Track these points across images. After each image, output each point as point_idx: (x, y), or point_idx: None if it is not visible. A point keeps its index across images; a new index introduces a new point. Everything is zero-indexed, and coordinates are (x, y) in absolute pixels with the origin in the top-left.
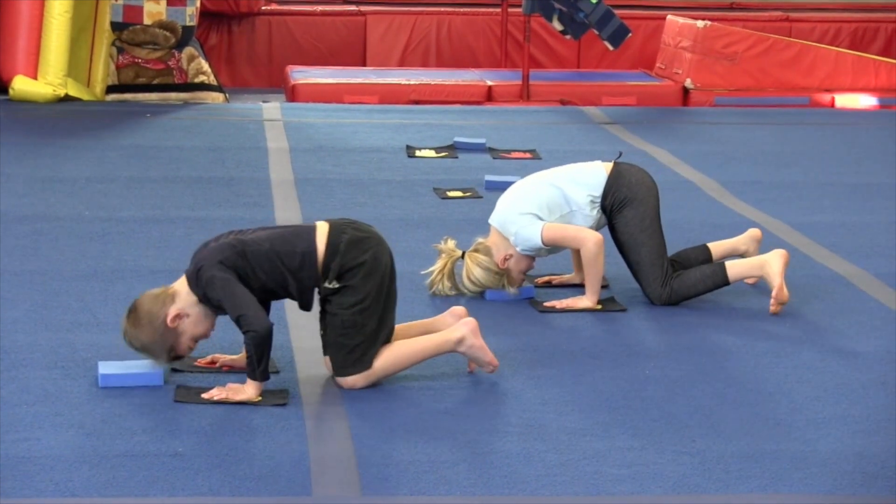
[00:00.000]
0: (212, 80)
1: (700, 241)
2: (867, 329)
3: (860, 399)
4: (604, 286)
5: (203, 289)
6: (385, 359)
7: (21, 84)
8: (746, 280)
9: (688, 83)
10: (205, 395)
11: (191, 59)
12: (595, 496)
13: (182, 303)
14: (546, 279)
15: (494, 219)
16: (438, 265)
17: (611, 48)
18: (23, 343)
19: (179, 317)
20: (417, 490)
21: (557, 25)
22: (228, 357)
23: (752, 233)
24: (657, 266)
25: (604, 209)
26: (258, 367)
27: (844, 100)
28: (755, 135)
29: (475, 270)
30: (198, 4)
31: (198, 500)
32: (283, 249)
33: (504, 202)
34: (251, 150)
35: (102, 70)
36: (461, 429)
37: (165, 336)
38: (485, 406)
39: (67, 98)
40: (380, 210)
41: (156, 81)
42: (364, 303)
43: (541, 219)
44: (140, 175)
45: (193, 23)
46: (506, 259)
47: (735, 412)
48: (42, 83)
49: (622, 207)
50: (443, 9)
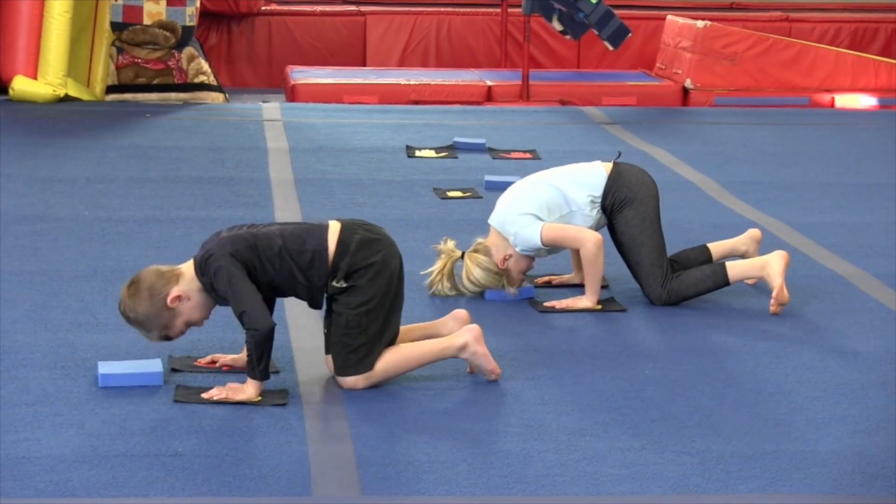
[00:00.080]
0: (212, 81)
1: (700, 241)
2: (867, 329)
3: (860, 399)
4: (604, 286)
5: (210, 278)
6: (387, 361)
7: (21, 84)
8: (746, 280)
9: (688, 83)
10: (205, 395)
11: (191, 60)
12: (595, 496)
13: (185, 286)
14: (546, 279)
15: (494, 219)
16: (438, 265)
17: (611, 48)
18: (23, 343)
19: (180, 298)
20: (417, 490)
21: (557, 25)
22: (229, 357)
23: (752, 233)
24: (657, 266)
25: (604, 209)
26: (258, 366)
27: (844, 100)
28: (755, 135)
29: (475, 271)
30: (198, 4)
31: (197, 501)
32: (294, 247)
33: (503, 202)
34: (251, 151)
35: (102, 70)
36: (461, 429)
37: (162, 314)
38: (485, 406)
39: (67, 98)
40: (380, 210)
41: (156, 81)
42: (370, 304)
43: (540, 219)
44: (140, 175)
45: (193, 23)
46: (505, 259)
47: (735, 412)
48: (42, 83)
49: (622, 208)
50: (443, 9)
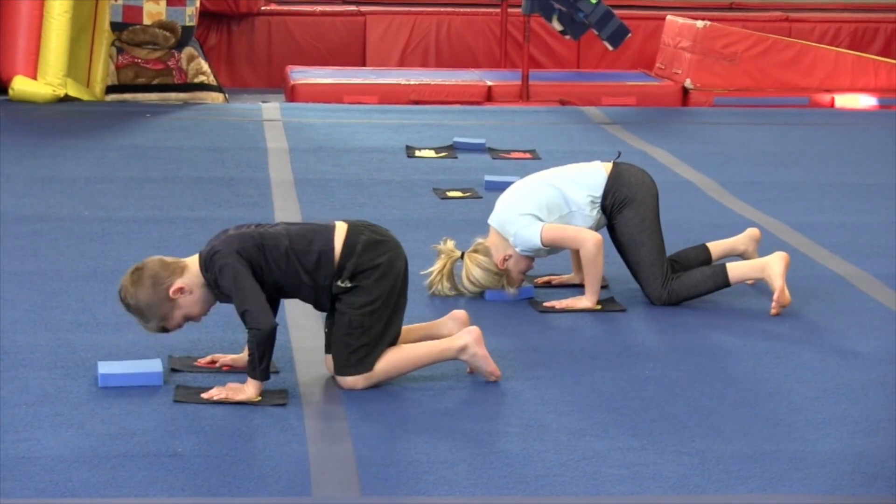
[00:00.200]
0: (211, 81)
1: (700, 241)
2: (867, 329)
3: (860, 399)
4: (603, 286)
5: (214, 274)
6: (387, 362)
7: (21, 84)
8: (746, 281)
9: (687, 83)
10: (205, 395)
11: (190, 60)
12: (595, 496)
13: (189, 279)
14: (545, 279)
15: (494, 219)
16: (438, 266)
17: (610, 48)
18: (23, 343)
19: (182, 291)
20: (417, 490)
21: (557, 26)
22: (229, 357)
23: (751, 232)
24: (657, 266)
25: (604, 210)
26: (259, 366)
27: (844, 100)
28: (755, 135)
29: (474, 271)
30: (197, 4)
31: (197, 501)
32: (300, 247)
33: (503, 202)
34: (251, 151)
35: (102, 70)
36: (461, 429)
37: (163, 304)
38: (485, 406)
39: (67, 98)
40: (379, 210)
41: (155, 81)
42: (374, 305)
43: (540, 219)
44: (140, 175)
45: (193, 23)
46: (505, 259)
47: (735, 412)
48: (42, 83)
49: (622, 208)
50: (442, 9)
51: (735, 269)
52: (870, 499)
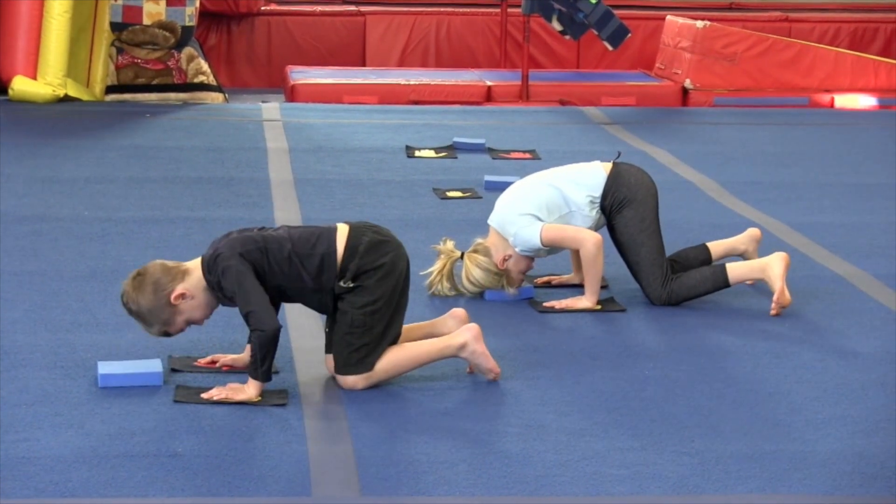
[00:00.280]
0: (211, 81)
1: (700, 241)
2: (867, 329)
3: (860, 399)
4: (603, 286)
5: (217, 276)
6: (387, 361)
7: (20, 84)
8: (746, 281)
9: (687, 83)
10: (204, 395)
11: (190, 60)
12: (594, 496)
13: (191, 284)
14: (545, 279)
15: (493, 219)
16: (437, 266)
17: (610, 48)
18: (22, 343)
19: (184, 296)
20: (417, 490)
21: (557, 26)
22: (229, 357)
23: (752, 232)
24: (657, 266)
25: (603, 210)
26: (261, 367)
27: (844, 100)
28: (755, 135)
29: (474, 271)
30: (197, 5)
31: (197, 501)
32: (303, 251)
33: (503, 203)
34: (250, 151)
35: (102, 70)
36: (461, 429)
37: (164, 310)
38: (484, 406)
39: (67, 98)
40: (379, 210)
41: (155, 82)
42: (376, 304)
43: (540, 219)
44: (140, 175)
45: (193, 23)
46: (505, 259)
47: (734, 413)
48: (41, 83)
49: (621, 208)
50: (442, 9)
51: (735, 270)
52: (870, 499)
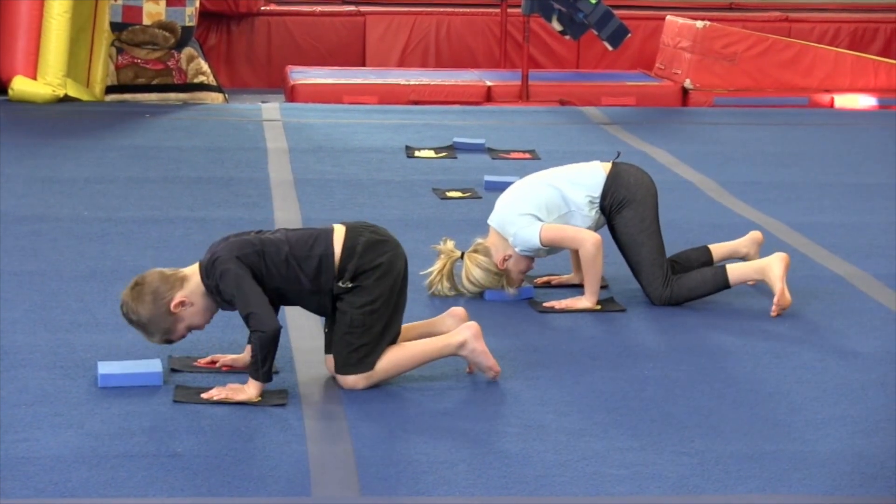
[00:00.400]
0: (211, 81)
1: (700, 242)
2: (867, 329)
3: (859, 399)
4: (603, 286)
5: (216, 280)
6: (387, 361)
7: (20, 84)
8: (746, 282)
9: (687, 83)
10: (204, 395)
11: (190, 60)
12: (594, 496)
13: (189, 290)
14: (545, 279)
15: (493, 219)
16: (437, 266)
17: (610, 48)
18: (22, 343)
19: (184, 304)
20: (417, 490)
21: (557, 26)
22: (229, 357)
23: (754, 235)
24: (657, 266)
25: (603, 210)
26: (262, 368)
27: (844, 100)
28: (754, 135)
29: (474, 271)
30: (197, 5)
31: (197, 501)
32: (301, 254)
33: (503, 203)
34: (250, 151)
35: (102, 70)
36: (461, 429)
37: (165, 318)
38: (484, 406)
39: (67, 98)
40: (379, 210)
41: (155, 82)
42: (374, 304)
43: (539, 219)
44: (139, 175)
45: (193, 23)
46: (505, 259)
47: (734, 413)
48: (41, 83)
49: (621, 208)
50: (442, 9)
51: (735, 271)
52: (870, 499)
